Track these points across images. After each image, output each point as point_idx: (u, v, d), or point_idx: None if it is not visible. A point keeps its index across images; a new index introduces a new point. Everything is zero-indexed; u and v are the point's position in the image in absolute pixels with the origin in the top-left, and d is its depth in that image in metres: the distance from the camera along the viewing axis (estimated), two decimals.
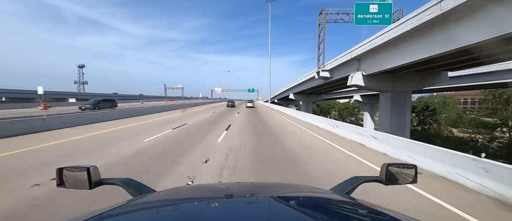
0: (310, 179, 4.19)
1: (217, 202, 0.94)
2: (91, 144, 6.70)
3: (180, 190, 1.34)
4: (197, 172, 4.36)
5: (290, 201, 0.98)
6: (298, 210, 0.88)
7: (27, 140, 6.94)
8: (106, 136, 8.08)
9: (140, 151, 5.90)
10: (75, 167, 0.98)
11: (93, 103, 19.72)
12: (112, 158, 5.21)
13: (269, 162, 5.20)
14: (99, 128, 9.75)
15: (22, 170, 4.25)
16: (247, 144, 7.15)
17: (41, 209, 2.82)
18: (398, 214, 0.76)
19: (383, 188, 1.26)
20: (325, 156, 5.98)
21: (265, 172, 4.54)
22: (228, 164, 4.94)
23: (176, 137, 8.19)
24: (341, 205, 0.94)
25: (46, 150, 5.93)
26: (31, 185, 3.51)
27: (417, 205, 3.26)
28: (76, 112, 15.08)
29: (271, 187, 1.35)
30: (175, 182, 3.80)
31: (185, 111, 22.99)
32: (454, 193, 3.64)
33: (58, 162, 4.78)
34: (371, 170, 4.87)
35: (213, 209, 0.84)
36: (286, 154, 6.05)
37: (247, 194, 1.03)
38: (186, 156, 5.54)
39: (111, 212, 0.74)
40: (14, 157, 5.21)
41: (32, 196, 3.17)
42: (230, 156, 5.57)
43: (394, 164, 1.12)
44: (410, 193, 3.56)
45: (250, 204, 0.92)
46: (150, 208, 0.87)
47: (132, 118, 14.35)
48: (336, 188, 1.19)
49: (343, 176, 1.40)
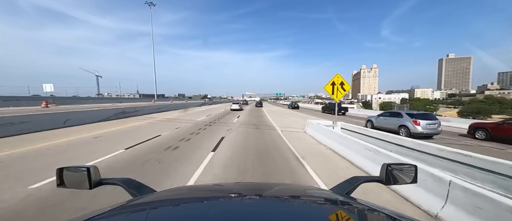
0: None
1: (217, 202, 0.94)
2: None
3: (180, 190, 1.34)
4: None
5: (290, 201, 0.98)
6: (298, 210, 0.87)
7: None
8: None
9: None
10: (75, 167, 0.98)
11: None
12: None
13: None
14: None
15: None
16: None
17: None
18: (398, 214, 0.76)
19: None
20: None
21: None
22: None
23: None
24: (341, 205, 0.93)
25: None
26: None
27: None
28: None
29: (271, 187, 1.37)
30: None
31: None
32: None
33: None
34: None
35: (213, 209, 0.84)
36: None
37: (247, 194, 1.03)
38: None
39: (111, 212, 0.74)
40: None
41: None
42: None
43: (394, 164, 1.11)
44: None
45: (250, 204, 0.92)
46: (150, 208, 0.86)
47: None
48: (336, 188, 1.18)
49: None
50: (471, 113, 36.13)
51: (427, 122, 10.30)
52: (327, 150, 7.09)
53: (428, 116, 10.81)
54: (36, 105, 19.92)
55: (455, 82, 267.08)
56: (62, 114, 11.89)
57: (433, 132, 10.40)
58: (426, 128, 10.23)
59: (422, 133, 10.15)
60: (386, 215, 0.76)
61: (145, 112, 19.97)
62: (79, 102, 31.17)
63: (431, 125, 10.33)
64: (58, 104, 23.53)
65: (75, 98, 45.48)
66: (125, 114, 16.74)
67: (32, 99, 26.17)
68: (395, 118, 11.69)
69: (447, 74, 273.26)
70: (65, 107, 18.82)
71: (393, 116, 12.03)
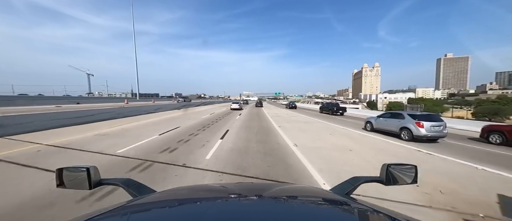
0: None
1: (217, 203, 0.94)
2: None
3: (180, 190, 1.30)
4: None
5: (290, 201, 0.98)
6: (298, 211, 0.87)
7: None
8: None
9: None
10: (75, 167, 0.99)
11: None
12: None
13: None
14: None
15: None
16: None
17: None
18: (398, 214, 0.77)
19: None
20: None
21: None
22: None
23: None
24: (341, 206, 0.94)
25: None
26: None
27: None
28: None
29: (271, 187, 1.26)
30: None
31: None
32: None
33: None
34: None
35: (213, 209, 0.84)
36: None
37: (247, 194, 1.04)
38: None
39: (111, 212, 0.74)
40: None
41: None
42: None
43: (394, 164, 1.11)
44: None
45: (250, 204, 0.92)
46: (150, 209, 0.87)
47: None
48: (336, 188, 1.19)
49: None
50: (488, 115, 33.81)
51: (432, 124, 9.23)
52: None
53: (432, 117, 9.74)
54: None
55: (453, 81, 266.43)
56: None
57: (438, 135, 9.34)
58: (431, 131, 9.17)
59: (426, 136, 9.08)
60: (386, 215, 0.77)
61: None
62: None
63: (436, 127, 9.27)
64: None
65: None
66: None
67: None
68: (396, 120, 10.61)
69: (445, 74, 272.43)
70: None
71: (394, 117, 10.93)
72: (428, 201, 3.54)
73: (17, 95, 45.93)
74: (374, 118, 12.34)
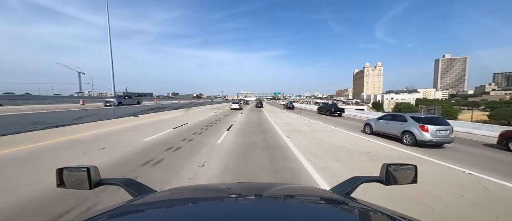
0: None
1: (217, 203, 0.93)
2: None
3: (180, 190, 1.30)
4: None
5: (290, 201, 0.98)
6: (298, 210, 0.85)
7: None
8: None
9: None
10: (75, 167, 0.98)
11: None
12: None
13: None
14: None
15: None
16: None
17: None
18: (398, 214, 0.76)
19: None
20: None
21: None
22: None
23: None
24: (341, 205, 0.93)
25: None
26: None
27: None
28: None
29: (271, 187, 1.23)
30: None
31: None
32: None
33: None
34: None
35: (213, 209, 0.83)
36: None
37: (247, 194, 1.04)
38: None
39: (111, 213, 0.74)
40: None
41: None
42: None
43: (394, 164, 1.10)
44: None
45: (250, 204, 0.92)
46: (150, 209, 0.86)
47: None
48: (336, 188, 1.19)
49: None
50: (507, 118, 31.51)
51: (437, 128, 8.34)
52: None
53: (437, 121, 8.83)
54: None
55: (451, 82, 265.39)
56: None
57: (444, 140, 8.44)
58: (436, 135, 8.28)
59: (431, 140, 8.19)
60: (386, 215, 0.76)
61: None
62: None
63: (442, 132, 8.37)
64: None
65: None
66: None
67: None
68: (398, 122, 9.69)
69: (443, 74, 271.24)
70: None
71: (396, 119, 10.01)
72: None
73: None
74: (374, 120, 11.48)
